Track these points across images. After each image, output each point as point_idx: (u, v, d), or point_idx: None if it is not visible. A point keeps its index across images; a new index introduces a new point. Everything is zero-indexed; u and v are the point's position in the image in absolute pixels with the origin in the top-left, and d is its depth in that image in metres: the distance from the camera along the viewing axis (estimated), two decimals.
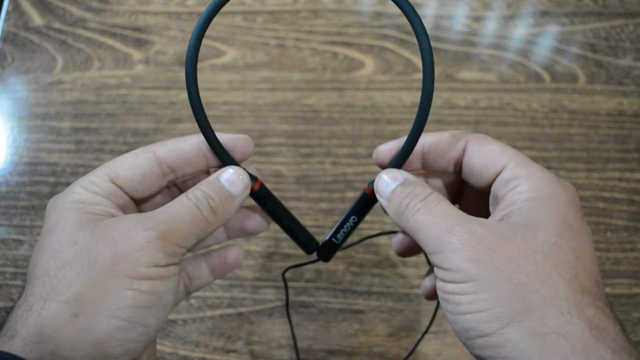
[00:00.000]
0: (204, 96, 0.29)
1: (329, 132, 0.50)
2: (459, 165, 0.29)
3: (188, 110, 0.51)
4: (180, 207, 0.26)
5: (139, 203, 0.29)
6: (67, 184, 0.48)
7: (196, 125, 0.28)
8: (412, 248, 0.32)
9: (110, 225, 0.25)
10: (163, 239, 0.24)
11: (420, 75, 0.52)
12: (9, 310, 0.24)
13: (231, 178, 0.28)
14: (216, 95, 0.51)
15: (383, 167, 0.29)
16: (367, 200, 0.30)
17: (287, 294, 0.36)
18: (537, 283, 0.22)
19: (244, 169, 0.29)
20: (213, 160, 0.29)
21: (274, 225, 0.47)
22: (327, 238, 0.32)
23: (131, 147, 0.49)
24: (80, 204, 0.26)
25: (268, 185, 0.29)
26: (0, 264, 0.46)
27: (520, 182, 0.25)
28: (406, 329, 0.44)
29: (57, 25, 0.55)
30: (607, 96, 0.51)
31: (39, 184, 0.48)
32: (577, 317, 0.22)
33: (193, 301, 0.45)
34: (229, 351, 0.43)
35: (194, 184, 0.30)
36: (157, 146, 0.28)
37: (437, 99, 0.51)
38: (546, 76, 0.52)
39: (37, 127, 0.51)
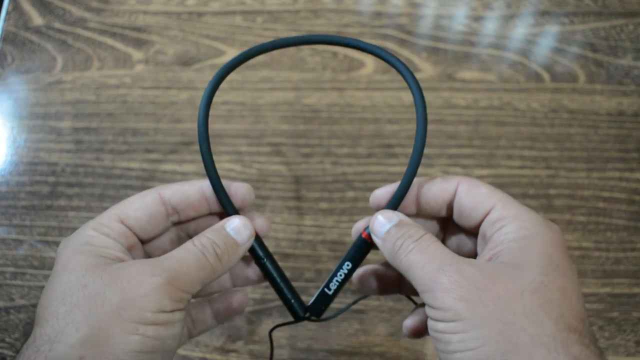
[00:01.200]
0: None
1: (329, 132, 0.50)
2: (451, 209, 0.30)
3: (188, 110, 0.51)
4: (187, 254, 0.27)
5: (145, 243, 0.30)
6: (67, 184, 0.48)
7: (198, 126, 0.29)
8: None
9: (118, 270, 0.25)
10: (169, 285, 0.25)
11: (420, 75, 0.52)
12: (8, 310, 0.24)
13: (237, 227, 0.29)
14: (216, 95, 0.51)
15: (379, 209, 0.30)
16: (363, 246, 0.30)
17: (272, 353, 0.35)
18: (524, 321, 0.23)
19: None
20: (215, 205, 0.30)
21: (276, 226, 0.47)
22: (319, 290, 0.31)
23: (131, 147, 0.50)
24: (90, 246, 0.27)
25: (268, 186, 0.29)
26: (0, 264, 0.46)
27: (507, 222, 0.26)
28: None
29: (57, 25, 0.55)
30: (607, 96, 0.51)
31: (39, 184, 0.48)
32: (563, 355, 0.22)
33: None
34: (229, 351, 0.43)
35: (196, 226, 0.31)
36: (162, 188, 0.30)
37: (437, 99, 0.51)
38: (546, 76, 0.52)
39: (37, 127, 0.51)
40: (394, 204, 0.29)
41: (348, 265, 0.30)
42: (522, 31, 0.54)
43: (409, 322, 0.31)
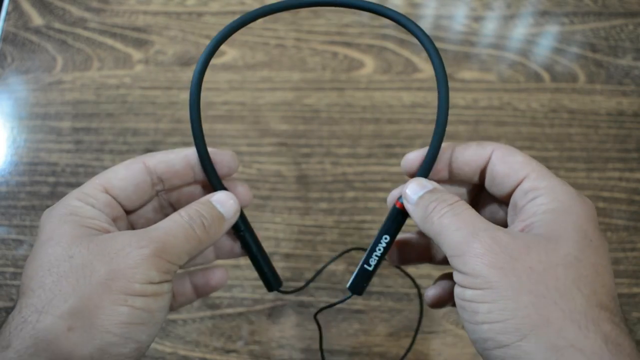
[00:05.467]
0: (204, 96, 0.29)
1: (328, 132, 0.50)
2: (483, 175, 0.29)
3: (188, 111, 0.51)
4: (174, 225, 0.27)
5: (129, 214, 0.30)
6: (67, 184, 0.48)
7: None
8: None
9: (105, 241, 0.25)
10: (157, 256, 0.25)
11: (420, 75, 0.52)
12: (9, 311, 0.24)
13: (222, 200, 0.29)
14: (216, 95, 0.51)
15: (411, 174, 0.30)
16: (398, 215, 0.29)
17: (320, 337, 0.35)
18: (556, 296, 0.22)
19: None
20: (200, 173, 0.30)
21: (276, 226, 0.47)
22: (358, 266, 0.30)
23: (131, 147, 0.50)
24: (76, 216, 0.26)
25: (268, 186, 0.29)
26: (0, 264, 0.46)
27: (540, 194, 0.26)
28: (406, 329, 0.44)
29: (57, 25, 0.55)
30: (607, 96, 0.51)
31: (39, 184, 0.48)
32: (594, 332, 0.22)
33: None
34: (229, 351, 0.43)
35: (178, 195, 0.31)
36: (146, 157, 0.29)
37: (437, 99, 0.51)
38: (546, 76, 0.52)
39: (37, 127, 0.51)
40: (426, 168, 0.29)
41: (386, 238, 0.29)
42: (522, 31, 0.54)
43: (432, 291, 0.30)
